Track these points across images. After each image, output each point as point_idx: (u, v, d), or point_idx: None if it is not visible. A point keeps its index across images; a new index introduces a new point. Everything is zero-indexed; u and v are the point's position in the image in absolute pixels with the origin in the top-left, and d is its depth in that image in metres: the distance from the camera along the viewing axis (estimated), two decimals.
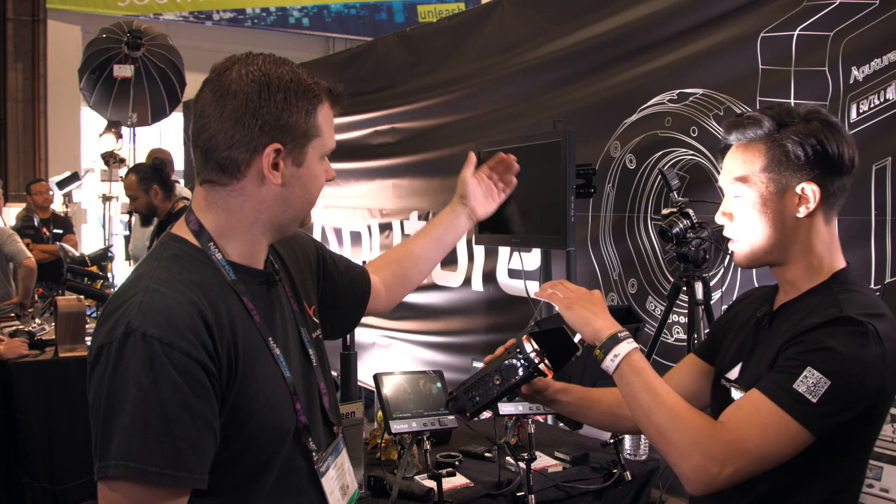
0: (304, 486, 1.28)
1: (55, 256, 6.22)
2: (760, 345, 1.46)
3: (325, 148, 1.25)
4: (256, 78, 1.18)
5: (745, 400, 1.32)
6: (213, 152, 1.19)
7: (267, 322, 1.24)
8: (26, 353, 3.78)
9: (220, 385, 1.13)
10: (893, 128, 2.17)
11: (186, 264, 1.18)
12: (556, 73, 3.36)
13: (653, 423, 1.34)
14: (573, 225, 2.76)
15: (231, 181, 1.20)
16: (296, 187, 1.23)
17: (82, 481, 3.60)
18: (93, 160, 8.88)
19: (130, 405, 1.06)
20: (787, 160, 1.40)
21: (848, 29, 2.27)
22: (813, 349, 1.28)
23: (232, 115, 1.17)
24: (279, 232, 1.28)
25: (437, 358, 4.13)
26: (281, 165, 1.20)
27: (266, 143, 1.18)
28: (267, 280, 1.28)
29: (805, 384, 1.26)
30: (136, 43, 7.01)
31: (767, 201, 1.42)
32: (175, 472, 1.07)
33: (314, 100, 1.21)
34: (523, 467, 2.06)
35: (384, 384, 2.04)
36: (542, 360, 1.57)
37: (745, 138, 1.45)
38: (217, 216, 1.23)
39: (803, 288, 1.44)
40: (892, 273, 2.16)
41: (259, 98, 1.17)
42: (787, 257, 1.44)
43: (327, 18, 11.25)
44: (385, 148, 4.58)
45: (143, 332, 1.07)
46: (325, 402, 1.34)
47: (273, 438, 1.21)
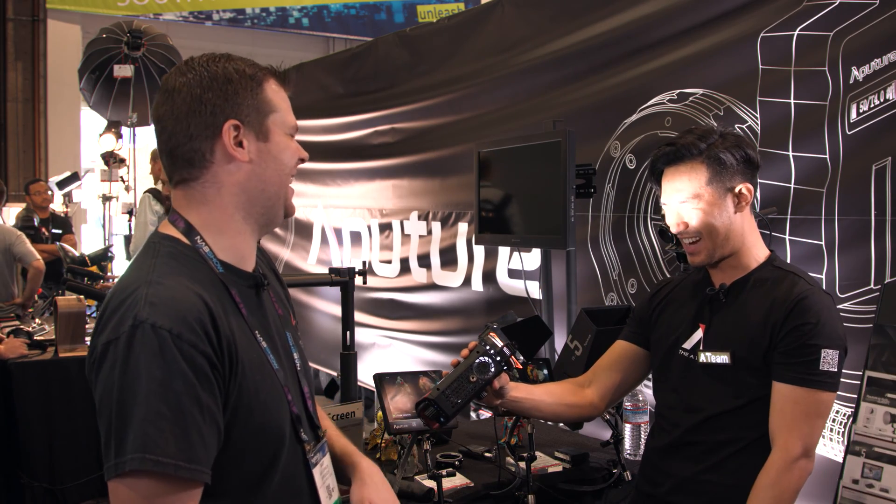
0: (304, 486, 1.28)
1: (55, 256, 6.22)
2: (722, 314, 1.79)
3: (286, 125, 1.27)
4: (197, 72, 1.22)
5: (786, 397, 1.65)
6: (176, 150, 1.22)
7: (254, 318, 1.25)
8: (26, 353, 3.79)
9: (223, 380, 1.13)
10: (893, 128, 2.17)
11: (183, 261, 1.20)
12: (556, 73, 3.36)
13: None
14: (573, 225, 2.76)
15: (202, 172, 1.22)
16: (267, 161, 1.24)
17: (82, 481, 3.60)
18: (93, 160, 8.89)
19: (143, 397, 1.05)
20: (723, 169, 1.75)
21: (848, 29, 2.27)
22: (816, 332, 1.64)
23: (183, 108, 1.20)
24: (263, 218, 1.28)
25: (437, 358, 4.13)
26: (245, 143, 1.22)
27: (222, 122, 1.21)
28: (255, 283, 1.29)
29: (826, 363, 1.63)
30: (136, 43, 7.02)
31: (715, 207, 1.75)
32: (189, 465, 1.07)
33: (257, 77, 1.25)
34: (523, 467, 2.06)
35: (385, 384, 2.04)
36: (512, 353, 1.58)
37: (681, 159, 1.77)
38: (199, 211, 1.24)
39: (749, 268, 1.79)
40: (891, 273, 2.16)
41: (201, 87, 1.21)
42: (734, 248, 1.78)
43: (327, 18, 11.25)
44: (385, 148, 4.58)
45: (152, 324, 1.07)
46: (309, 405, 1.34)
47: (274, 434, 1.21)
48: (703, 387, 1.77)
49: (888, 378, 1.79)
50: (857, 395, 1.84)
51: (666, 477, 1.79)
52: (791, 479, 1.62)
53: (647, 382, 2.93)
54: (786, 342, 1.66)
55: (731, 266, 1.80)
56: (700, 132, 1.81)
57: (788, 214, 2.42)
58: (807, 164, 2.38)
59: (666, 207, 1.84)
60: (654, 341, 1.90)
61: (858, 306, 2.24)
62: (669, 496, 1.78)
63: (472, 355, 1.61)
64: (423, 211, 4.30)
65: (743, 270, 1.79)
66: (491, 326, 1.65)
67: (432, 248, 4.18)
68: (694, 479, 1.74)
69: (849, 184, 2.27)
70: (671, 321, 1.89)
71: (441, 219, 4.14)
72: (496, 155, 3.24)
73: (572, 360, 2.33)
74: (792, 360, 1.65)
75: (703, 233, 1.76)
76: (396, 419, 2.00)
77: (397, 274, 4.49)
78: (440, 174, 4.16)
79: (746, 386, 1.72)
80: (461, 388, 1.57)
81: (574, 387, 1.96)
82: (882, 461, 1.74)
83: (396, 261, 4.51)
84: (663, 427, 1.86)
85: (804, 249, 2.37)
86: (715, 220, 1.75)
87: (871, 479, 1.75)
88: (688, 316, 1.85)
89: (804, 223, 2.38)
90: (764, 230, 2.40)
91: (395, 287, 4.50)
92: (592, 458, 2.39)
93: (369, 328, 4.67)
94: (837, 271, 2.29)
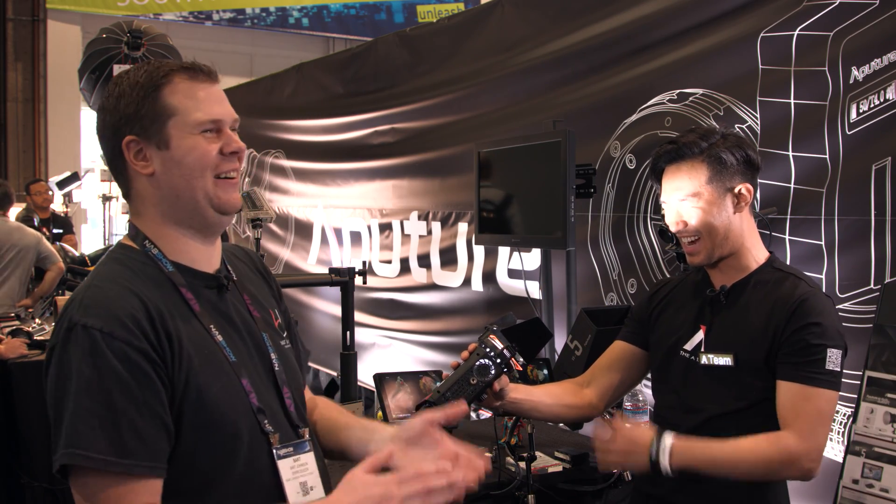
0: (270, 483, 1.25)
1: None
2: (723, 316, 1.78)
3: (191, 124, 1.23)
4: (108, 91, 1.26)
5: (792, 396, 1.65)
6: (109, 167, 1.29)
7: (210, 315, 1.25)
8: (26, 353, 3.78)
9: (165, 374, 1.14)
10: (893, 128, 2.17)
11: (128, 262, 1.24)
12: (556, 73, 3.36)
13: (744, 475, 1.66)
14: (573, 225, 2.76)
15: (128, 189, 1.28)
16: (171, 168, 1.24)
17: None
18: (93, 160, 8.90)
19: (73, 395, 1.09)
20: (723, 169, 1.75)
21: (848, 29, 2.27)
22: (821, 332, 1.64)
23: (98, 132, 1.27)
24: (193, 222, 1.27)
25: (437, 358, 4.13)
26: (148, 155, 1.23)
27: (120, 140, 1.23)
28: (216, 283, 1.29)
29: (832, 362, 1.64)
30: (136, 43, 7.01)
31: (715, 206, 1.75)
32: (120, 459, 1.08)
33: (153, 82, 1.23)
34: (523, 467, 2.06)
35: (385, 384, 2.04)
36: (512, 355, 1.59)
37: (683, 158, 1.77)
38: (139, 222, 1.28)
39: (749, 269, 1.78)
40: (891, 273, 2.16)
41: (104, 109, 1.26)
42: (733, 248, 1.77)
43: (327, 18, 11.25)
44: (385, 148, 4.58)
45: (83, 325, 1.11)
46: (288, 405, 1.32)
47: (228, 427, 1.20)
48: (704, 388, 1.77)
49: (888, 378, 1.80)
50: (857, 395, 1.84)
51: (666, 477, 1.79)
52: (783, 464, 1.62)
53: (648, 382, 2.93)
54: (791, 342, 1.66)
55: (730, 267, 1.80)
56: (702, 132, 1.81)
57: (788, 214, 2.42)
58: (807, 164, 2.38)
59: (666, 206, 1.84)
60: (654, 342, 1.90)
61: (858, 306, 2.24)
62: (670, 496, 1.78)
63: (472, 357, 1.61)
64: (423, 211, 4.30)
65: (743, 272, 1.79)
66: (491, 329, 1.65)
67: (432, 248, 4.18)
68: (695, 480, 1.74)
69: (849, 184, 2.27)
70: (671, 322, 1.88)
71: (441, 219, 4.14)
72: (496, 155, 3.24)
73: (572, 360, 2.33)
74: (800, 360, 1.65)
75: (702, 232, 1.76)
76: (396, 419, 2.00)
77: (397, 274, 4.49)
78: (440, 174, 4.16)
79: (749, 388, 1.71)
80: (461, 391, 1.57)
81: (573, 387, 1.96)
82: (882, 461, 1.74)
83: (396, 261, 4.51)
84: (662, 427, 1.85)
85: (804, 249, 2.37)
86: (714, 219, 1.75)
87: (871, 479, 1.75)
88: (688, 317, 1.85)
89: (804, 223, 2.38)
90: (764, 230, 2.40)
91: (395, 287, 4.50)
92: (592, 458, 2.39)
93: (369, 328, 4.67)
94: (837, 271, 2.29)
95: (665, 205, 1.84)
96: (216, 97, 1.28)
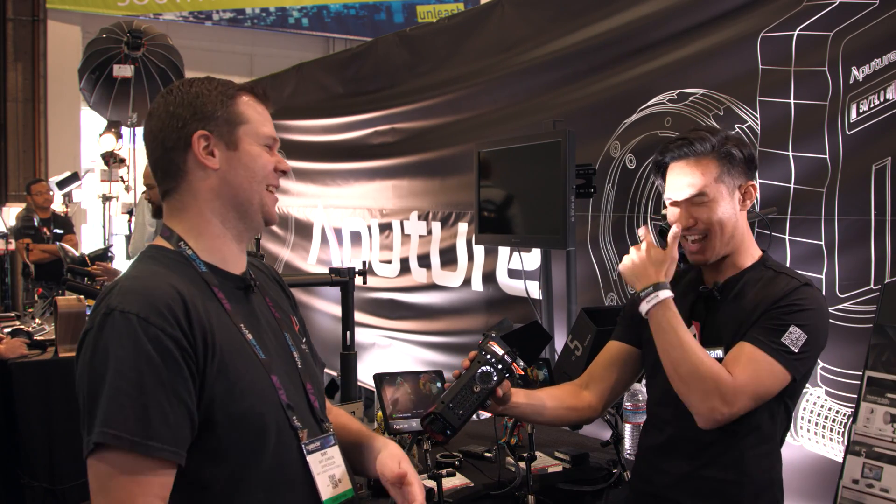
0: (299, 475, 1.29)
1: (55, 256, 6.22)
2: (718, 311, 1.78)
3: (258, 135, 1.34)
4: (173, 93, 1.34)
5: (740, 352, 1.66)
6: (158, 163, 1.33)
7: (239, 313, 1.30)
8: (26, 353, 3.78)
9: (196, 365, 1.18)
10: (893, 128, 2.17)
11: (163, 261, 1.29)
12: (556, 73, 3.36)
13: (678, 372, 1.67)
14: (573, 225, 2.76)
15: (179, 182, 1.32)
16: (237, 168, 1.31)
17: (82, 481, 3.58)
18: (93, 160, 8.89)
19: (109, 376, 1.13)
20: (732, 166, 1.75)
21: (848, 29, 2.27)
22: (794, 311, 1.65)
23: (158, 124, 1.32)
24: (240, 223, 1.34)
25: (437, 358, 4.13)
26: (216, 152, 1.31)
27: (192, 132, 1.30)
28: (244, 285, 1.35)
29: (790, 338, 1.63)
30: (136, 43, 7.02)
31: (724, 204, 1.74)
32: (146, 441, 1.11)
33: (229, 91, 1.33)
34: (523, 467, 2.06)
35: (385, 384, 2.04)
36: (514, 359, 1.59)
37: (693, 154, 1.75)
38: (180, 218, 1.33)
39: (743, 267, 1.78)
40: (891, 273, 2.16)
41: (174, 104, 1.32)
42: (734, 247, 1.78)
43: (327, 19, 11.24)
44: (385, 148, 4.58)
45: (121, 310, 1.15)
46: (312, 401, 1.37)
47: (257, 420, 1.24)
48: None
49: (888, 378, 1.80)
50: (857, 395, 1.84)
51: (662, 474, 1.79)
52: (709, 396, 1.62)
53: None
54: (764, 316, 1.68)
55: (726, 265, 1.80)
56: (708, 129, 1.80)
57: (788, 214, 2.42)
58: (807, 164, 2.38)
59: (671, 203, 1.82)
60: (647, 339, 1.86)
61: (858, 306, 2.24)
62: (667, 491, 1.78)
63: (473, 366, 1.61)
64: (423, 211, 4.30)
65: (736, 269, 1.80)
66: (490, 335, 1.65)
67: (432, 248, 4.18)
68: (690, 476, 1.74)
69: (849, 184, 2.27)
70: None
71: (441, 219, 4.14)
72: (496, 155, 3.24)
73: (572, 360, 2.33)
74: (760, 326, 1.67)
75: (710, 230, 1.75)
76: (396, 419, 2.00)
77: (397, 274, 4.49)
78: (440, 174, 4.16)
79: None
80: (465, 400, 1.58)
81: (573, 389, 1.95)
82: (882, 461, 1.74)
83: (396, 261, 4.51)
84: (657, 425, 1.85)
85: (804, 249, 2.37)
86: (723, 217, 1.75)
87: (871, 479, 1.75)
88: (681, 313, 1.81)
89: (804, 223, 2.38)
90: (764, 230, 2.40)
91: (395, 287, 4.50)
92: (592, 458, 2.39)
93: (369, 328, 4.67)
94: (837, 271, 2.29)
95: (671, 202, 1.83)
96: (270, 120, 1.39)
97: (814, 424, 2.35)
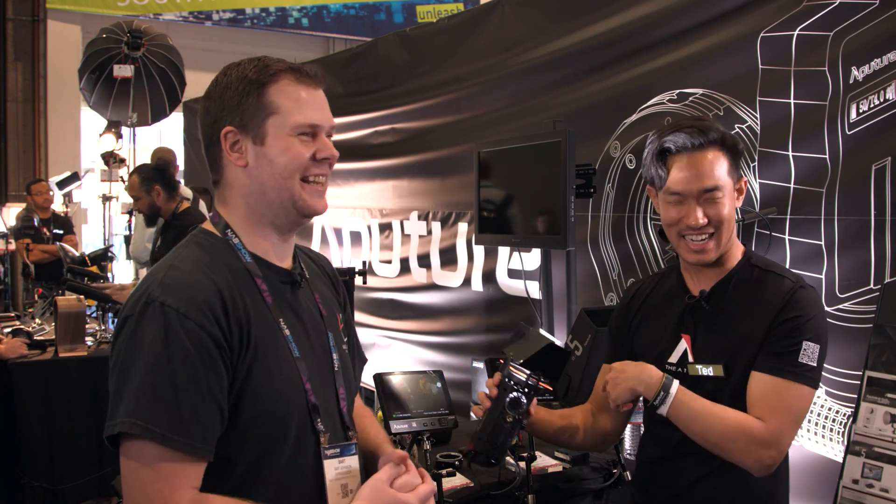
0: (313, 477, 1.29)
1: (55, 256, 6.22)
2: (707, 322, 1.68)
3: (289, 125, 1.28)
4: (215, 81, 1.32)
5: (763, 388, 1.58)
6: (205, 154, 1.33)
7: (280, 308, 1.29)
8: (26, 353, 3.78)
9: (230, 362, 1.18)
10: (893, 128, 2.17)
11: (209, 249, 1.28)
12: (556, 73, 3.36)
13: (710, 442, 1.59)
14: (573, 225, 2.76)
15: (220, 176, 1.32)
16: (263, 164, 1.28)
17: (82, 481, 3.60)
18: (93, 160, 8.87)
19: (142, 368, 1.13)
20: (735, 160, 1.66)
21: (848, 29, 2.27)
22: (801, 325, 1.58)
23: (199, 119, 1.33)
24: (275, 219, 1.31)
25: (437, 358, 4.13)
26: (244, 147, 1.28)
27: (220, 129, 1.29)
28: (290, 279, 1.33)
29: (806, 356, 1.57)
30: (136, 43, 7.00)
31: (730, 199, 1.65)
32: (177, 437, 1.12)
33: (262, 80, 1.28)
34: (523, 467, 2.06)
35: (385, 384, 2.04)
36: (538, 380, 1.60)
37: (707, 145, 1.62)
38: (223, 210, 1.33)
39: (727, 268, 1.70)
40: (891, 273, 2.16)
41: (209, 97, 1.32)
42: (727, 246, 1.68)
43: (326, 19, 11.24)
44: (385, 148, 4.58)
45: (161, 302, 1.16)
46: (342, 406, 1.36)
47: (280, 419, 1.24)
48: None
49: (888, 378, 1.79)
50: (857, 395, 1.84)
51: (662, 488, 1.75)
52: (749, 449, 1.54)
53: None
54: (770, 336, 1.60)
55: (710, 268, 1.70)
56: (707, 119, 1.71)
57: (788, 214, 2.42)
58: (807, 164, 2.38)
59: (677, 197, 1.66)
60: (637, 356, 1.77)
61: (858, 306, 2.24)
62: (669, 494, 1.76)
63: (500, 395, 1.62)
64: (423, 211, 4.30)
65: (722, 272, 1.70)
66: (509, 361, 1.65)
67: (432, 248, 4.18)
68: (690, 489, 1.70)
69: (849, 184, 2.27)
70: (651, 334, 1.79)
71: (441, 219, 4.14)
72: (496, 155, 3.24)
73: (572, 360, 2.33)
74: (773, 351, 1.59)
75: (719, 227, 1.64)
76: (396, 419, 1.99)
77: (397, 274, 4.49)
78: (440, 174, 4.16)
79: (742, 398, 1.63)
80: (500, 430, 1.61)
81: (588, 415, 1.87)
82: (882, 461, 1.74)
83: (396, 261, 4.51)
84: (654, 440, 1.80)
85: (804, 249, 2.37)
86: (730, 214, 1.65)
87: (871, 479, 1.74)
88: (668, 326, 1.74)
89: (804, 223, 2.38)
90: (764, 230, 2.40)
91: (395, 287, 4.50)
92: (592, 458, 2.39)
93: (369, 328, 4.67)
94: (837, 271, 2.29)
95: (676, 194, 1.65)
96: (317, 102, 1.32)
97: (814, 424, 2.35)
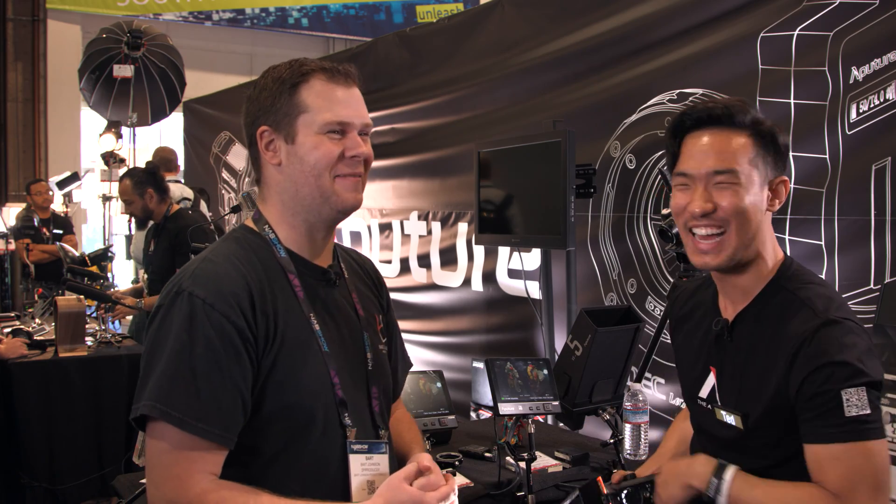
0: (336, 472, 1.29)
1: (55, 256, 6.22)
2: (729, 360, 1.47)
3: (317, 121, 1.31)
4: (255, 84, 1.37)
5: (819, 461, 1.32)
6: (248, 153, 1.39)
7: (312, 304, 1.31)
8: (26, 353, 3.78)
9: (255, 353, 1.22)
10: (893, 128, 2.17)
11: (245, 244, 1.32)
12: (556, 73, 3.36)
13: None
14: (573, 225, 2.76)
15: (261, 174, 1.37)
16: (294, 163, 1.32)
17: (82, 481, 3.60)
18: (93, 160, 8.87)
19: (167, 354, 1.18)
20: (767, 152, 1.40)
21: (848, 29, 2.27)
22: (831, 376, 1.30)
23: (243, 120, 1.38)
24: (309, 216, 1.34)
25: (437, 358, 4.13)
26: (277, 146, 1.32)
27: (256, 129, 1.34)
28: (324, 277, 1.36)
29: (850, 406, 1.29)
30: (136, 43, 7.00)
31: (752, 193, 1.39)
32: (195, 422, 1.16)
33: (294, 80, 1.32)
34: (523, 467, 2.06)
35: None
36: (647, 492, 1.58)
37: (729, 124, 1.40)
38: (263, 207, 1.38)
39: (754, 292, 1.44)
40: (891, 273, 2.16)
41: (248, 99, 1.37)
42: (751, 255, 1.42)
43: (326, 19, 11.24)
44: (385, 148, 4.58)
45: (190, 293, 1.21)
46: (374, 405, 1.38)
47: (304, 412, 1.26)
48: (724, 444, 1.50)
49: (888, 378, 1.79)
50: None
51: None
52: None
53: (647, 382, 2.93)
54: (800, 397, 1.34)
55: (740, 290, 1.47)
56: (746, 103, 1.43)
57: (788, 214, 2.42)
58: (807, 164, 2.38)
59: (684, 178, 1.44)
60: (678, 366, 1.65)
61: (858, 306, 2.24)
62: None
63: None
64: (423, 211, 4.30)
65: (749, 294, 1.46)
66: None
67: (432, 248, 4.18)
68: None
69: (849, 184, 2.27)
70: (685, 357, 1.63)
71: (441, 219, 4.14)
72: (496, 155, 3.24)
73: (572, 360, 2.33)
74: (812, 414, 1.32)
75: (731, 222, 1.39)
76: None
77: (397, 274, 4.49)
78: (440, 174, 4.16)
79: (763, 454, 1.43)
80: None
81: None
82: None
83: (396, 261, 4.51)
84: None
85: (804, 249, 2.37)
86: (749, 208, 1.38)
87: None
88: (699, 355, 1.57)
89: (804, 223, 2.38)
90: None
91: (395, 287, 4.50)
92: (592, 458, 2.39)
93: None
94: (837, 271, 2.29)
95: (685, 176, 1.44)
96: (349, 100, 1.35)
97: None
